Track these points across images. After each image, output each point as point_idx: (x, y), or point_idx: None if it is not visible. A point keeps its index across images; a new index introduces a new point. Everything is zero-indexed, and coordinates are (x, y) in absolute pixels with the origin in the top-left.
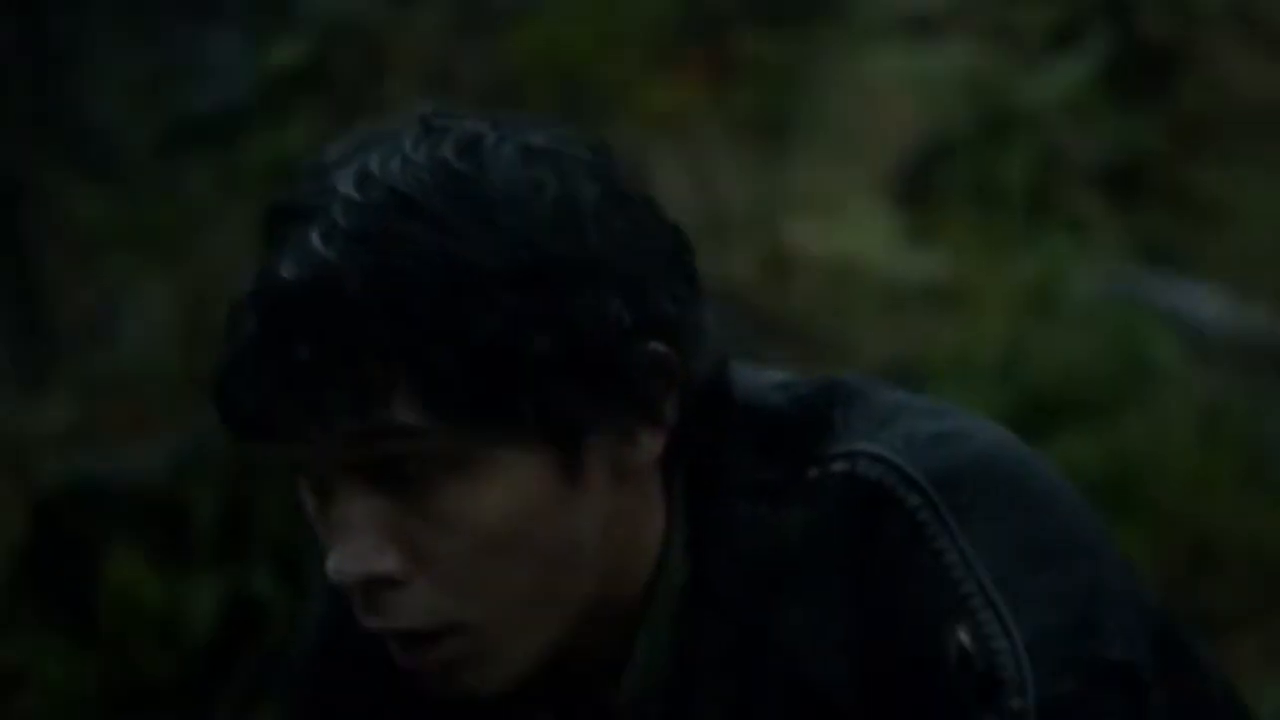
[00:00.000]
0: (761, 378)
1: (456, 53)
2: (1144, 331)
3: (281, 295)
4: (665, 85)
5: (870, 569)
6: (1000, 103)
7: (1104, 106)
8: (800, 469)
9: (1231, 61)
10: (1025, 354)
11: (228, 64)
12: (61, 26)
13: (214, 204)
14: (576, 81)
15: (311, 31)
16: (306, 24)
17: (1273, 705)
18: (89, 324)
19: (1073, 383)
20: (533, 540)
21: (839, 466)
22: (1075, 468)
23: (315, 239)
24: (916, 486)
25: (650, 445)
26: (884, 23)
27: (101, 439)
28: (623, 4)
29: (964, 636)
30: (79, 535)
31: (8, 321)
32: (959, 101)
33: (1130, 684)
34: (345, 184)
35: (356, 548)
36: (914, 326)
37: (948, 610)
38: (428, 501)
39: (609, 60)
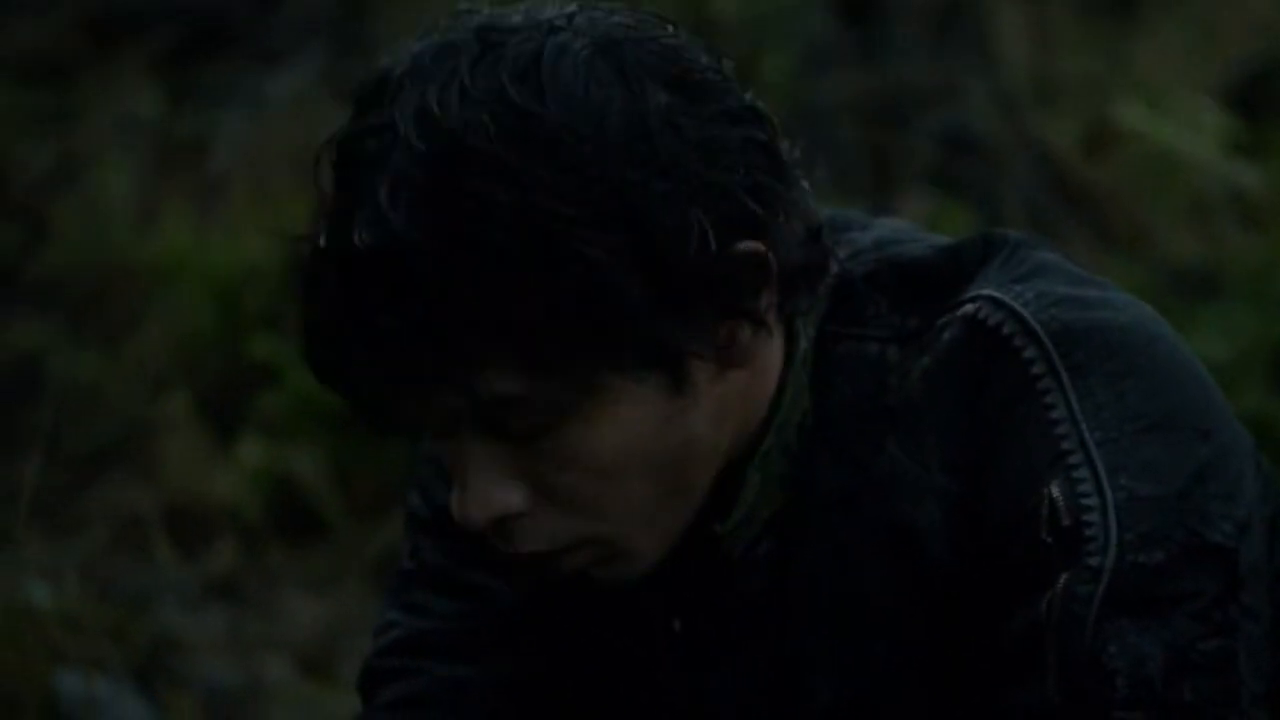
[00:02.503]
0: (920, 236)
1: None
2: None
3: (356, 262)
4: None
5: (978, 417)
6: None
7: None
8: (936, 317)
9: None
10: None
11: None
12: None
13: None
14: None
15: None
16: None
17: None
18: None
19: None
20: (650, 457)
21: (964, 310)
22: None
23: (383, 197)
24: (1035, 338)
25: (751, 336)
26: None
27: None
28: None
29: (1056, 491)
30: None
31: (328, 34)
32: None
33: (1224, 572)
34: (406, 122)
35: (479, 493)
36: (1220, 235)
37: (1046, 464)
38: (542, 443)
39: None
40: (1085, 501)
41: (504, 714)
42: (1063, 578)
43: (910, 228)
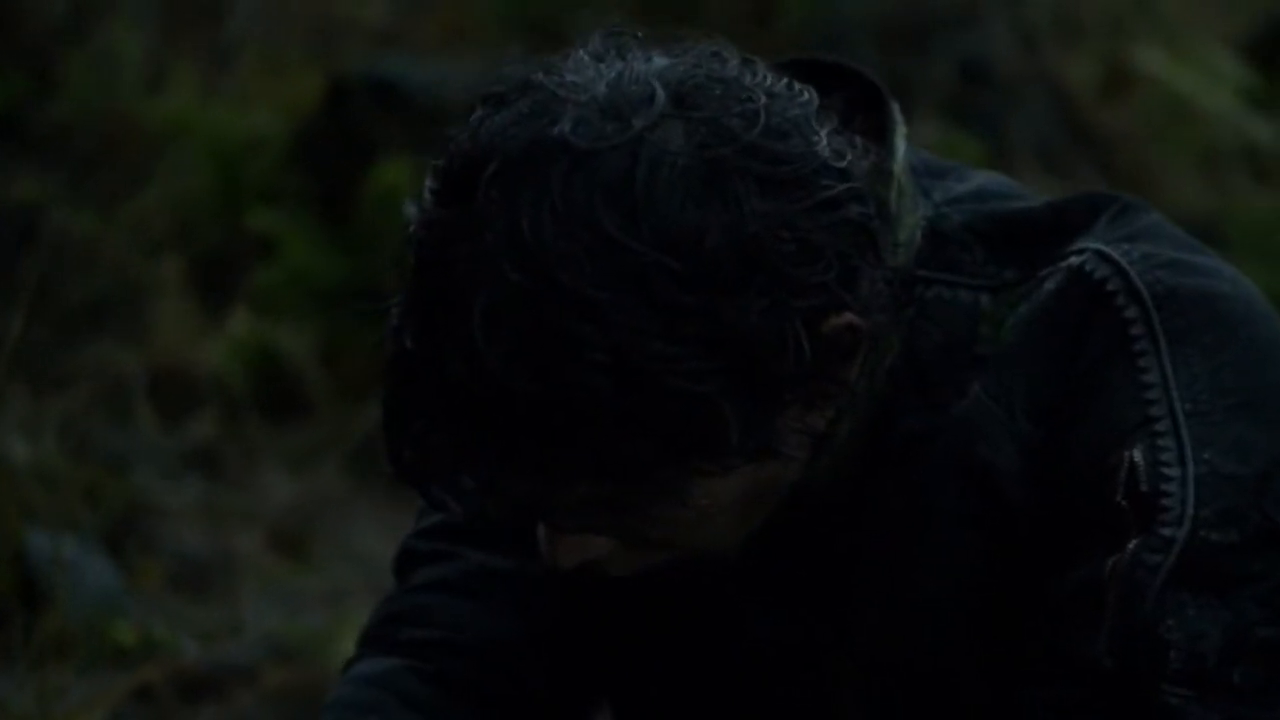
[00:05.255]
0: (1023, 192)
1: None
2: None
3: (450, 387)
4: None
5: (1071, 369)
6: None
7: None
8: (1037, 269)
9: None
10: None
11: None
12: None
13: None
14: None
15: None
16: None
17: None
18: None
19: None
20: (739, 503)
21: (1070, 261)
22: None
23: (477, 329)
24: (1138, 298)
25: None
26: None
27: (410, 45)
28: None
29: (1138, 454)
30: (363, 129)
31: None
32: None
33: None
34: (499, 244)
35: (572, 545)
36: (1230, 185)
37: (1131, 426)
38: (635, 519)
39: None
40: (1166, 471)
41: (534, 607)
42: (1133, 543)
43: (1013, 184)
